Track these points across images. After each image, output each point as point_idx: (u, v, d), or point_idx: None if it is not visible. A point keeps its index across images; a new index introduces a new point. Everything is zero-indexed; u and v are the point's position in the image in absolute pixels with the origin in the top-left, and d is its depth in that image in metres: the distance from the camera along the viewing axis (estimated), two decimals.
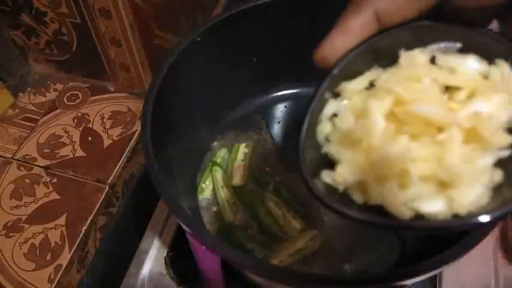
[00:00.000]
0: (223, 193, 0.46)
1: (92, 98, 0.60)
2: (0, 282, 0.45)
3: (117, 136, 0.56)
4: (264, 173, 0.48)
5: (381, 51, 0.22)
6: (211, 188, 0.48)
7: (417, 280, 0.29)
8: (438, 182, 0.19)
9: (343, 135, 0.22)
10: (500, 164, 0.20)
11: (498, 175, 0.19)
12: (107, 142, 0.56)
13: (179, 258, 0.46)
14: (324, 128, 0.23)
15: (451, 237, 0.29)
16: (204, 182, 0.48)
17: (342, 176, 0.21)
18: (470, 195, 0.18)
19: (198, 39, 0.41)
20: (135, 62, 0.56)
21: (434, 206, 0.18)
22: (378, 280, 0.28)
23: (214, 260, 0.34)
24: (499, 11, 0.21)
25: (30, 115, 0.59)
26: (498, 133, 0.19)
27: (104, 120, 0.58)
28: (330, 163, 0.22)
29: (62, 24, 0.54)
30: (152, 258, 0.47)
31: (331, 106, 0.23)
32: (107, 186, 0.52)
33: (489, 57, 0.21)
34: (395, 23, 0.21)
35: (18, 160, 0.54)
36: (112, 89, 0.61)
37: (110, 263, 0.51)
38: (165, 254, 0.47)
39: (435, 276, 0.44)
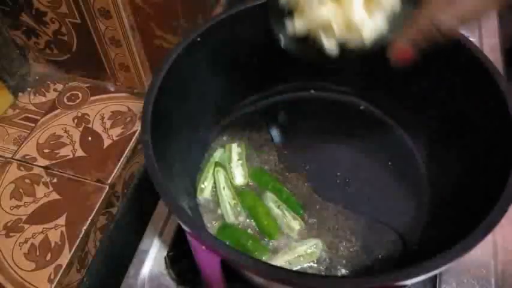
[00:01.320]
0: (224, 194, 0.46)
1: (92, 98, 0.60)
2: (0, 282, 0.45)
3: (117, 136, 0.56)
4: (264, 173, 0.48)
5: None
6: (210, 188, 0.48)
7: (417, 280, 0.29)
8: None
9: None
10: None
11: (397, 5, 0.32)
12: (107, 142, 0.56)
13: (179, 258, 0.46)
14: None
15: (451, 238, 0.29)
16: (203, 182, 0.48)
17: (298, 23, 0.34)
18: (373, 23, 0.32)
19: (198, 39, 0.41)
20: (135, 62, 0.56)
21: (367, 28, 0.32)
22: (378, 280, 0.28)
23: (214, 260, 0.34)
24: None
25: (30, 115, 0.59)
26: None
27: (104, 120, 0.58)
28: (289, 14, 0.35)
29: (62, 24, 0.54)
30: (152, 258, 0.47)
31: None
32: (107, 186, 0.52)
33: None
34: None
35: (18, 160, 0.54)
36: (112, 89, 0.61)
37: (110, 263, 0.51)
38: (165, 254, 0.47)
39: (435, 276, 0.44)
